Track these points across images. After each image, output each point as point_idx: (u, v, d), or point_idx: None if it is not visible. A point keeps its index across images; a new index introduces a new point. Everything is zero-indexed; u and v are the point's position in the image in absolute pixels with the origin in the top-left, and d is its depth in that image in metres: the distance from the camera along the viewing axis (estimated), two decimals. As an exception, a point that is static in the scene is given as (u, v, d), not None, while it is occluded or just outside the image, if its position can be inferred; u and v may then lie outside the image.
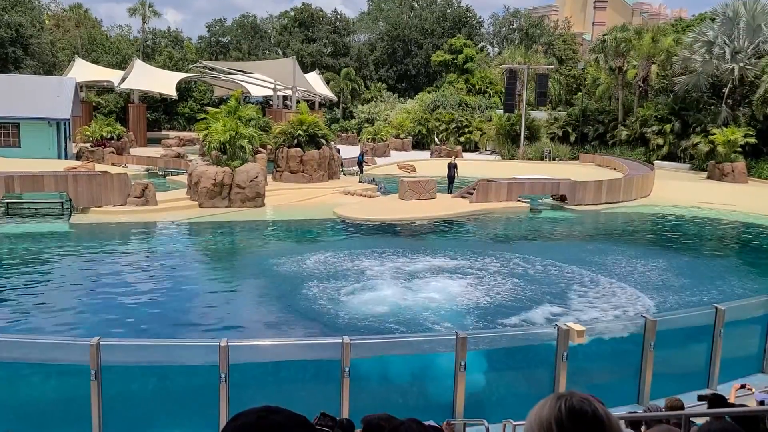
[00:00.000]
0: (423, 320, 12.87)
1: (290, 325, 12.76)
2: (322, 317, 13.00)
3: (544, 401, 1.65)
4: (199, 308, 13.77)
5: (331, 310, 13.42)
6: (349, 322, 12.65)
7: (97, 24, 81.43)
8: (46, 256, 17.83)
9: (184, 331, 12.24)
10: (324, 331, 12.13)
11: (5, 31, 53.94)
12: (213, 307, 13.91)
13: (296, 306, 13.80)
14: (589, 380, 9.51)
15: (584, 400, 1.62)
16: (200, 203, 24.50)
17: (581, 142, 47.72)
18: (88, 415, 7.52)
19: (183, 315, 13.29)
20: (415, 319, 12.94)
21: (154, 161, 37.65)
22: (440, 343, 8.97)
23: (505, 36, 76.91)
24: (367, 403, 8.00)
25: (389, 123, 54.17)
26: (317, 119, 32.55)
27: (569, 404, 1.61)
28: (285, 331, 12.31)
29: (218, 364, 7.69)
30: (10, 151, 34.61)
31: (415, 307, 13.65)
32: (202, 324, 12.72)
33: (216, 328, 12.44)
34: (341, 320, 12.77)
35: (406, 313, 13.28)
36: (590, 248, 20.86)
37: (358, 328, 12.21)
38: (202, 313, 13.39)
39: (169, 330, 12.38)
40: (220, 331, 12.11)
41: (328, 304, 13.81)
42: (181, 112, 67.97)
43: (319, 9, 78.23)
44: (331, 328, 12.23)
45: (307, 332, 12.23)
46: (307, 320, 12.92)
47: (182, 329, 12.38)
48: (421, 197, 26.92)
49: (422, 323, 12.66)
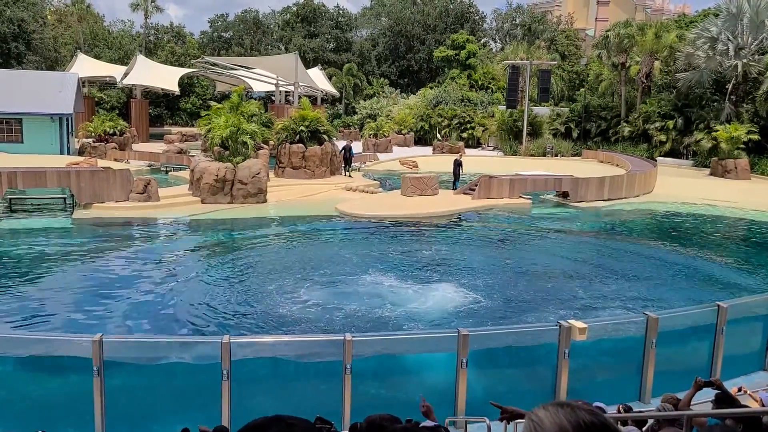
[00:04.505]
0: (416, 320, 12.87)
1: (293, 323, 12.76)
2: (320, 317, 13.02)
3: (546, 412, 1.56)
4: (203, 304, 13.78)
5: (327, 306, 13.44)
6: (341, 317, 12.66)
7: (99, 19, 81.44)
8: (48, 251, 17.85)
9: (186, 329, 12.26)
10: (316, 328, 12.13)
11: (8, 27, 53.93)
12: (215, 300, 13.92)
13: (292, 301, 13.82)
14: (591, 377, 9.52)
15: (592, 413, 1.54)
16: (202, 199, 24.51)
17: (584, 138, 47.65)
18: (91, 411, 7.55)
19: (187, 310, 13.29)
20: (412, 318, 12.94)
21: (157, 157, 37.66)
22: (442, 341, 8.97)
23: (508, 32, 76.81)
24: (368, 401, 8.02)
25: (391, 119, 54.11)
26: (319, 115, 32.48)
27: (576, 420, 1.51)
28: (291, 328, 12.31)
29: (220, 361, 7.70)
30: (13, 147, 34.65)
31: (412, 307, 13.65)
32: (202, 321, 12.73)
33: (220, 322, 12.46)
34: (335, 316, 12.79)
35: (406, 312, 13.28)
36: (595, 245, 20.83)
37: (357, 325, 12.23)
38: (205, 310, 13.39)
39: (172, 326, 12.40)
40: (225, 326, 12.15)
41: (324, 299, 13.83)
42: (183, 107, 68.01)
43: (322, 4, 78.18)
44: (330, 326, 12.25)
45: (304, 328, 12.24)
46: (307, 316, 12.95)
47: (184, 325, 12.40)
48: (423, 193, 26.90)
49: (416, 323, 12.67)
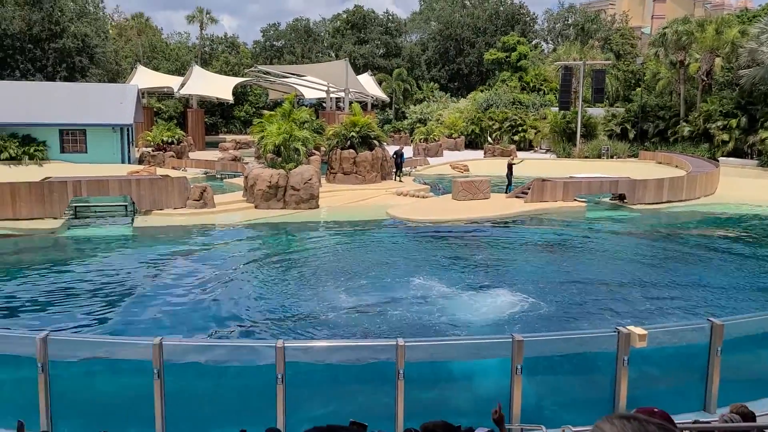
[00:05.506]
0: (474, 326, 12.75)
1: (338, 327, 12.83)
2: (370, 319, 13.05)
3: (612, 426, 1.48)
4: (254, 306, 14.02)
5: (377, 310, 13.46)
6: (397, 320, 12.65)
7: (157, 32, 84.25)
8: (112, 257, 18.49)
9: (238, 330, 12.50)
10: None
11: (72, 41, 56.37)
12: (268, 303, 14.14)
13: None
14: (652, 386, 9.20)
15: (661, 426, 1.46)
16: (256, 205, 24.99)
17: (641, 139, 46.30)
18: (152, 413, 7.76)
19: (240, 312, 13.55)
20: (463, 323, 12.84)
21: (212, 164, 38.61)
22: (495, 347, 8.83)
23: (560, 32, 75.47)
24: (420, 407, 7.97)
25: (441, 123, 53.93)
26: (370, 120, 32.66)
27: None
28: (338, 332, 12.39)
29: (275, 364, 7.79)
30: (78, 157, 36.14)
31: (463, 313, 13.53)
32: (254, 322, 12.94)
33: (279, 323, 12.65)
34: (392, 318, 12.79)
35: (457, 317, 13.19)
36: (654, 248, 20.20)
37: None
38: (257, 312, 13.61)
39: (225, 326, 12.66)
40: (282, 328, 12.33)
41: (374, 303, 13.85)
42: (237, 115, 69.58)
43: (371, 10, 78.70)
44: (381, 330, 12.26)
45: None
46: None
47: (236, 326, 12.64)
48: (474, 197, 26.67)
49: (468, 329, 12.56)
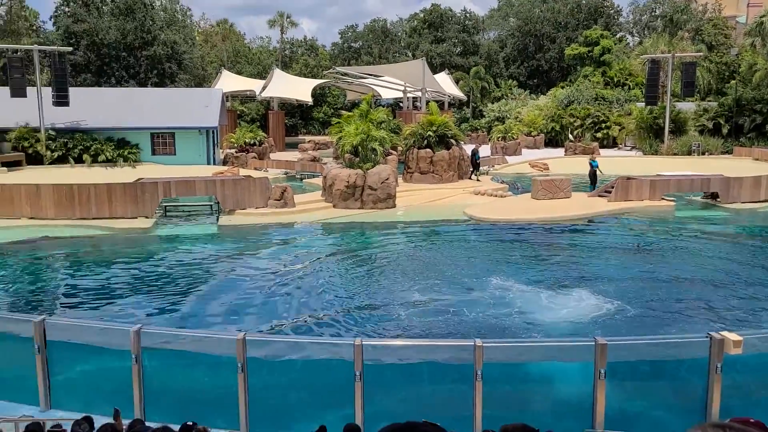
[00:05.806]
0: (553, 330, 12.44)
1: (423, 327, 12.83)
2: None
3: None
4: (332, 303, 14.24)
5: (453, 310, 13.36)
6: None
7: (240, 37, 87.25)
8: (201, 255, 19.26)
9: (316, 327, 12.75)
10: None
11: (162, 49, 59.28)
12: (346, 302, 14.33)
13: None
14: (747, 396, 8.65)
15: None
16: (334, 204, 25.41)
17: (735, 134, 43.70)
18: (236, 405, 8.05)
19: (324, 306, 13.81)
20: (544, 325, 12.56)
21: (292, 165, 39.55)
22: (577, 350, 8.56)
23: (647, 24, 72.45)
24: (495, 408, 7.85)
25: (520, 121, 52.90)
26: (447, 119, 32.49)
27: None
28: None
29: (353, 361, 7.89)
30: (167, 159, 38.00)
31: (544, 314, 13.22)
32: (331, 319, 13.15)
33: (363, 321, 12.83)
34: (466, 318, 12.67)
35: (537, 318, 12.92)
36: (750, 250, 19.03)
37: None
38: (334, 309, 13.82)
39: (305, 322, 12.95)
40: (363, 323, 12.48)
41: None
42: (316, 117, 70.99)
43: (449, 9, 78.19)
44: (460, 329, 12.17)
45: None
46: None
47: (314, 324, 12.90)
48: (555, 196, 26.03)
49: (549, 330, 12.26)
